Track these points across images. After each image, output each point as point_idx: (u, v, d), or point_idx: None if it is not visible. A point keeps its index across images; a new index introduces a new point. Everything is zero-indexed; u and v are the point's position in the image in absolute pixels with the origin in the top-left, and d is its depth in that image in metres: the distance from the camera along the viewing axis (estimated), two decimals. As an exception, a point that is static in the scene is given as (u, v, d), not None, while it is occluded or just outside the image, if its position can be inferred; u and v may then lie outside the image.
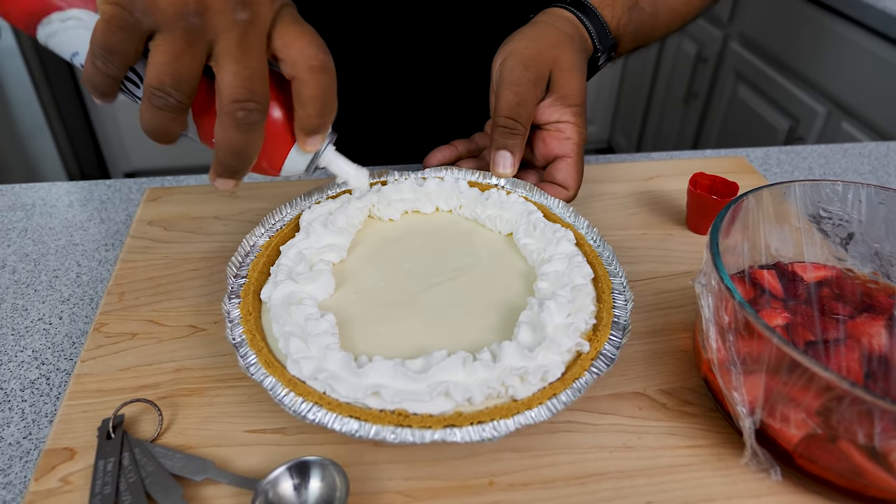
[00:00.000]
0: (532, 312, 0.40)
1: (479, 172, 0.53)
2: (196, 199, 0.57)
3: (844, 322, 0.40)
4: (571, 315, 0.40)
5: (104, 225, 0.59)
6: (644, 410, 0.40)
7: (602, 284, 0.43)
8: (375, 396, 0.35)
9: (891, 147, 0.75)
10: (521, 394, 0.36)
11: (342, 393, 0.35)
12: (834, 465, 0.33)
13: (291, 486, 0.34)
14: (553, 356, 0.37)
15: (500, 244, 0.48)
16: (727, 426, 0.40)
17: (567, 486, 0.36)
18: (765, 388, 0.33)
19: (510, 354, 0.37)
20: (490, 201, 0.49)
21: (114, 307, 0.46)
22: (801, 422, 0.33)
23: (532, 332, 0.39)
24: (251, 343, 0.39)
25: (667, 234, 0.55)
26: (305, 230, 0.46)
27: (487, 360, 0.37)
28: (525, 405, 0.35)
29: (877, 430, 0.30)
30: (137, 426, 0.38)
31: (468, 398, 0.35)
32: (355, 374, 0.36)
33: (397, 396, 0.35)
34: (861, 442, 0.31)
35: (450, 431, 0.34)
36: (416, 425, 0.34)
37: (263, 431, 0.38)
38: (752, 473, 0.37)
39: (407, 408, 0.35)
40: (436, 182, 0.51)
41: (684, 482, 0.37)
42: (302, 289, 0.42)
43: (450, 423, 0.34)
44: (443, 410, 0.35)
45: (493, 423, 0.35)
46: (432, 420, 0.34)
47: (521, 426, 0.34)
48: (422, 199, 0.51)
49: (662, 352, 0.45)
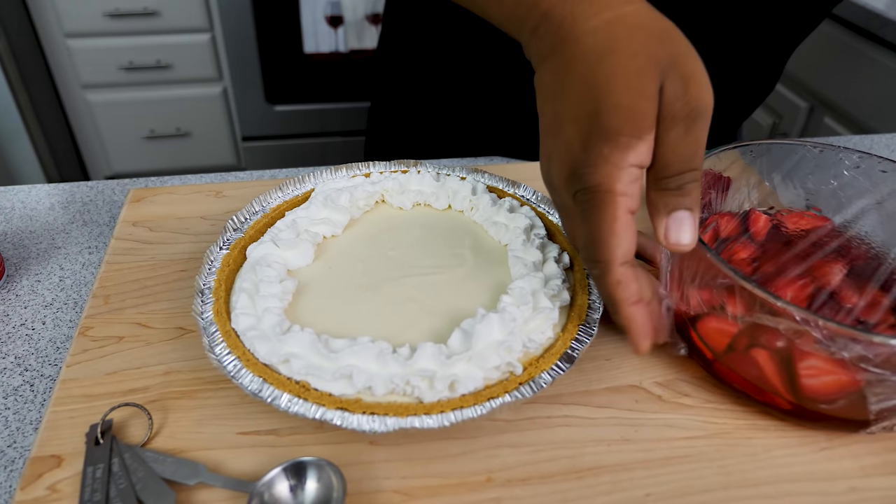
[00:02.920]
0: (472, 321, 0.39)
1: (504, 180, 0.52)
2: (181, 199, 0.56)
3: (810, 263, 0.42)
4: (512, 334, 0.38)
5: (87, 227, 0.58)
6: (641, 403, 0.40)
7: (574, 313, 0.41)
8: (286, 364, 0.36)
9: (874, 140, 0.75)
10: (427, 397, 0.35)
11: (261, 354, 0.37)
12: (747, 372, 0.38)
13: (287, 487, 0.33)
14: (473, 369, 0.36)
15: (494, 253, 0.47)
16: (723, 417, 0.40)
17: (566, 481, 0.36)
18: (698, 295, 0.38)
19: (426, 355, 0.36)
20: (499, 209, 0.49)
21: (99, 310, 0.45)
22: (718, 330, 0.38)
23: (463, 340, 0.38)
24: (215, 291, 0.41)
25: (657, 226, 0.55)
26: (311, 201, 0.48)
27: (403, 355, 0.37)
28: (424, 409, 0.35)
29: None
30: (127, 431, 0.37)
31: (369, 387, 0.35)
32: (278, 339, 0.38)
33: (304, 368, 0.36)
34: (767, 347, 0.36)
35: (341, 414, 0.34)
36: (312, 399, 0.35)
37: (257, 433, 0.37)
38: (749, 463, 0.37)
39: (310, 381, 0.36)
40: (456, 180, 0.51)
41: (683, 473, 0.36)
42: (280, 252, 0.44)
43: (343, 406, 0.35)
44: (343, 393, 0.35)
45: (384, 416, 0.34)
46: (329, 399, 0.35)
47: (409, 428, 0.34)
48: (437, 194, 0.51)
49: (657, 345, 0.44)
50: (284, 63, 1.86)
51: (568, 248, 0.46)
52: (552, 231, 0.48)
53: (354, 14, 1.77)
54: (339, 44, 1.81)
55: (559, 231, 0.48)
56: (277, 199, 0.50)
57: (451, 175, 0.52)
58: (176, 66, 1.86)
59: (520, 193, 0.52)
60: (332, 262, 0.45)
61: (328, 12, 1.76)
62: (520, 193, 0.52)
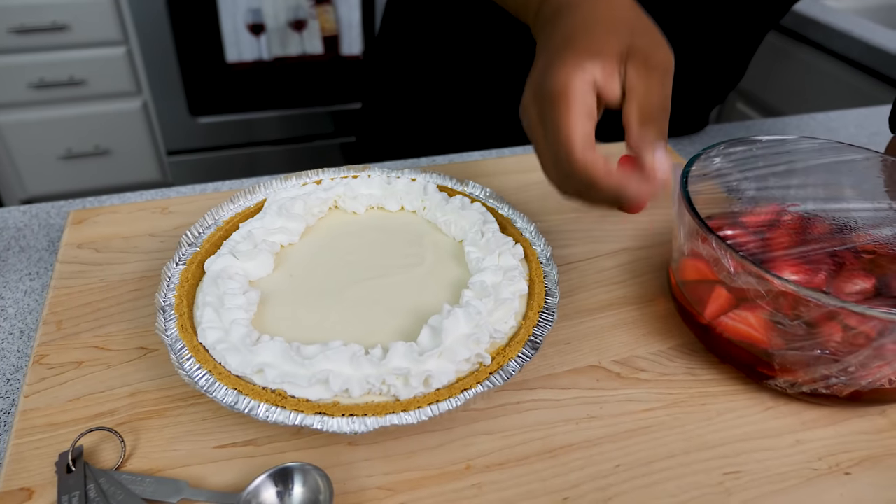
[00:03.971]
0: (439, 317, 0.40)
1: (454, 179, 0.54)
2: (125, 217, 0.54)
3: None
4: (478, 327, 0.40)
5: (24, 253, 0.56)
6: (602, 381, 0.43)
7: (533, 302, 0.43)
8: (260, 374, 0.37)
9: (786, 122, 0.81)
10: (403, 395, 0.36)
11: (233, 366, 0.37)
12: (734, 334, 0.41)
13: (274, 493, 0.33)
14: (445, 363, 0.38)
15: (449, 250, 0.49)
16: (678, 388, 0.42)
17: (540, 461, 0.38)
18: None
19: (398, 355, 0.38)
20: (451, 206, 0.50)
21: (52, 337, 0.44)
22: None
23: (432, 336, 0.39)
24: (177, 307, 0.41)
25: (601, 215, 0.58)
26: (264, 211, 0.48)
27: (376, 357, 0.38)
28: (402, 406, 0.36)
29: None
30: (98, 456, 0.37)
31: (345, 389, 0.36)
32: (249, 350, 0.38)
33: (279, 377, 0.36)
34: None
35: (320, 419, 0.35)
36: (290, 407, 0.36)
37: (234, 445, 0.38)
38: (705, 428, 0.40)
39: (286, 389, 0.36)
40: (406, 182, 0.52)
41: (647, 443, 0.39)
42: (239, 264, 0.44)
43: (322, 411, 0.35)
44: (320, 397, 0.36)
45: (363, 417, 0.35)
46: (307, 405, 0.36)
47: (389, 426, 0.35)
48: (388, 197, 0.51)
49: (611, 325, 0.47)
50: (206, 74, 1.82)
51: (521, 239, 0.48)
52: (503, 224, 0.50)
53: (276, 21, 1.75)
54: (262, 52, 1.79)
55: (510, 224, 0.50)
56: (230, 212, 0.49)
57: (402, 177, 0.53)
58: (91, 82, 1.78)
59: (468, 191, 0.53)
60: (293, 270, 0.45)
61: (249, 20, 1.73)
62: (468, 191, 0.53)
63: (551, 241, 0.53)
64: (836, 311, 0.35)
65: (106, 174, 1.97)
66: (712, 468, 0.38)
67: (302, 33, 1.78)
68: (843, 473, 0.38)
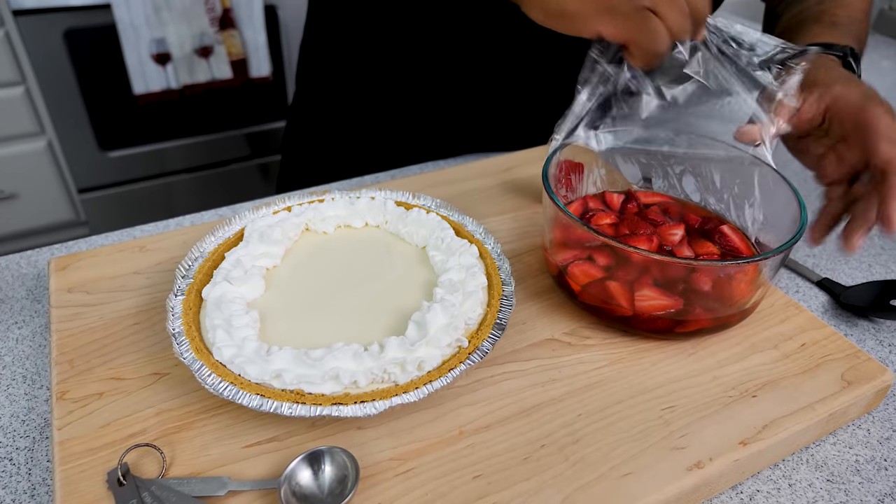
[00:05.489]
0: (421, 313, 0.48)
1: (408, 193, 0.61)
2: (106, 259, 0.58)
3: (657, 226, 0.57)
4: (454, 317, 0.47)
5: (6, 304, 0.59)
6: (557, 350, 0.51)
7: (493, 291, 0.51)
8: (278, 378, 0.43)
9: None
10: (401, 380, 0.44)
11: (252, 375, 0.43)
12: (600, 294, 0.51)
13: (309, 474, 0.40)
14: (432, 350, 0.46)
15: (414, 256, 0.56)
16: (618, 348, 0.52)
17: (518, 420, 0.46)
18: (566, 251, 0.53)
19: (394, 347, 0.45)
20: (410, 218, 0.57)
21: (68, 374, 0.48)
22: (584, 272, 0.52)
23: (417, 329, 0.47)
24: (187, 333, 0.46)
25: (533, 212, 0.67)
26: (246, 239, 0.54)
27: (375, 352, 0.45)
28: (402, 389, 0.44)
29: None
30: (141, 469, 0.42)
31: (354, 381, 0.43)
32: (264, 360, 0.44)
33: (296, 379, 0.43)
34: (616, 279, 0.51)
35: (337, 408, 0.42)
36: (310, 402, 0.42)
37: (259, 443, 0.43)
38: (643, 376, 0.49)
39: (303, 388, 0.43)
40: (367, 201, 0.59)
41: (599, 394, 0.48)
42: (235, 289, 0.49)
43: (338, 402, 0.42)
44: (333, 391, 0.43)
45: (373, 402, 0.43)
46: (324, 399, 0.42)
47: (395, 405, 0.43)
48: (353, 215, 0.58)
49: (557, 304, 0.56)
50: (114, 107, 1.79)
51: (474, 240, 0.56)
52: (457, 229, 0.58)
53: (182, 50, 1.75)
54: (170, 81, 1.78)
55: (462, 228, 0.58)
56: (212, 244, 0.55)
57: (362, 196, 0.60)
58: (-10, 126, 1.72)
59: (421, 203, 0.61)
60: (282, 289, 0.52)
61: (154, 50, 1.72)
62: (421, 203, 0.61)
63: (496, 239, 0.61)
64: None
65: (17, 218, 1.90)
66: (652, 407, 0.47)
67: (209, 59, 1.79)
68: (751, 397, 0.48)
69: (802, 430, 0.46)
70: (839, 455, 0.48)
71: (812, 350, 0.52)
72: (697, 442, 0.45)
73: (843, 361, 0.51)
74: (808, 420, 0.46)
